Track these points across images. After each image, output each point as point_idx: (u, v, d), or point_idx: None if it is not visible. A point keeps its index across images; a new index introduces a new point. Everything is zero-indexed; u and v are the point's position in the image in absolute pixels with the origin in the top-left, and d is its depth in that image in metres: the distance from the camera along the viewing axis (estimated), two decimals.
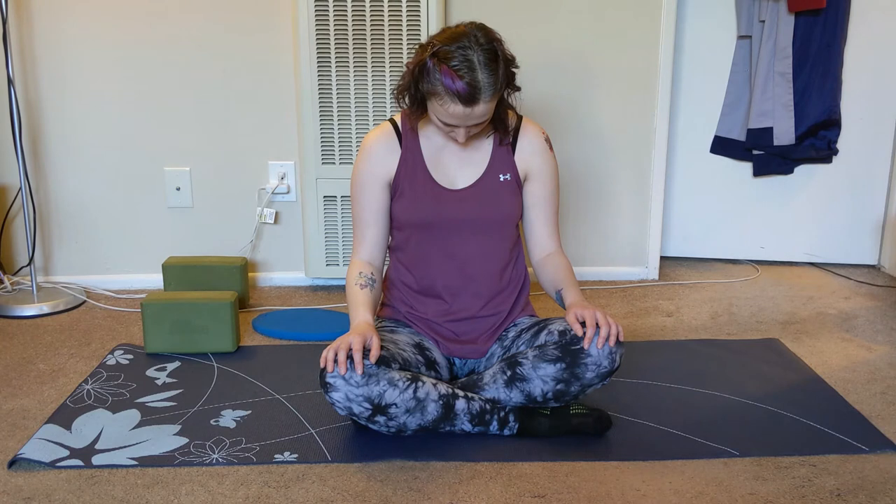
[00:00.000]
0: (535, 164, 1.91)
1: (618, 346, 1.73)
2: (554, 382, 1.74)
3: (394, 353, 1.76)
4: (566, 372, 1.73)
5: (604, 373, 1.73)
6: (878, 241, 3.06)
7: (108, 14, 2.63)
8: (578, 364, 1.72)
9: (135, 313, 2.57)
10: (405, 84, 1.78)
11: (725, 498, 1.59)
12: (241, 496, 1.59)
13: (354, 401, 1.66)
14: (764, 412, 1.94)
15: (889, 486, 1.63)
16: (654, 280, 2.95)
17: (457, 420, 1.76)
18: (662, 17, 2.73)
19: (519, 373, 1.76)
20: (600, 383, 1.76)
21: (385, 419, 1.70)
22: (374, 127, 1.97)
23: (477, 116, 1.72)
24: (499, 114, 1.82)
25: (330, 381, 1.66)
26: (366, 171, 1.88)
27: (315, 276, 2.79)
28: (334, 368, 1.65)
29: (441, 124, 1.77)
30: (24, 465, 1.69)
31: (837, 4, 2.79)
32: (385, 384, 1.67)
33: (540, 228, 1.94)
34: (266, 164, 2.78)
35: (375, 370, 1.66)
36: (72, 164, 2.75)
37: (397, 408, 1.68)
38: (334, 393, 1.66)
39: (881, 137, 2.96)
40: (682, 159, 3.05)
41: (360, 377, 1.65)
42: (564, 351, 1.73)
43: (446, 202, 1.86)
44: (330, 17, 2.51)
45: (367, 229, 1.90)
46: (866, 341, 2.39)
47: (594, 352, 1.71)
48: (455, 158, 1.88)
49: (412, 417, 1.71)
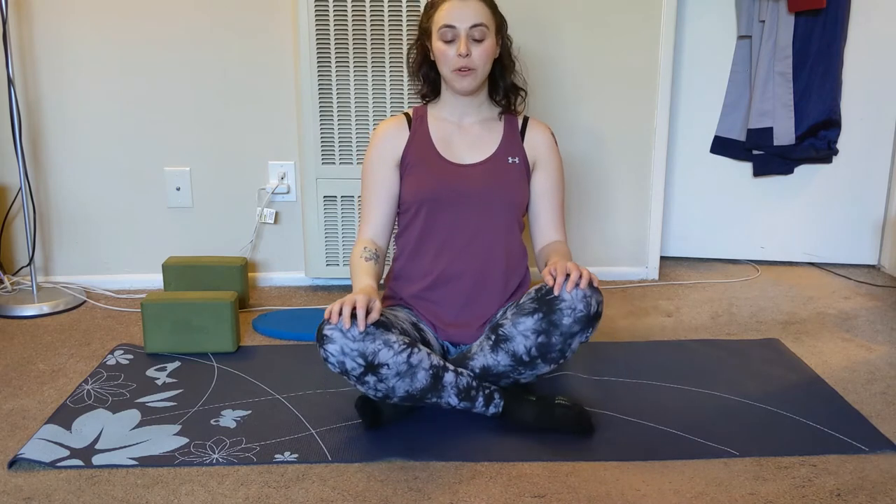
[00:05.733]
0: (542, 154, 2.00)
1: (592, 291, 1.75)
2: (535, 336, 1.76)
3: (392, 321, 1.80)
4: (544, 321, 1.75)
5: (580, 317, 1.74)
6: (878, 241, 3.06)
7: (108, 14, 2.63)
8: (554, 311, 1.75)
9: (135, 313, 2.57)
10: (413, 47, 1.98)
11: (725, 498, 1.59)
12: (241, 496, 1.59)
13: (349, 355, 1.68)
14: (764, 412, 1.94)
15: (889, 486, 1.63)
16: (654, 280, 2.95)
17: (444, 392, 1.77)
18: (662, 17, 2.74)
19: (501, 334, 1.79)
20: (582, 332, 1.77)
21: (375, 380, 1.71)
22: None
23: (471, 15, 1.84)
24: (502, 75, 1.97)
25: (327, 333, 1.68)
26: (375, 154, 1.98)
27: (315, 276, 2.79)
28: (338, 321, 1.66)
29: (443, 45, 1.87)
30: (24, 465, 1.69)
31: (837, 4, 2.79)
32: (381, 343, 1.69)
33: (544, 218, 2.01)
34: (266, 164, 2.78)
35: (373, 329, 1.70)
36: (72, 165, 2.75)
37: (389, 369, 1.70)
38: (330, 345, 1.68)
39: (881, 137, 2.96)
40: (682, 159, 3.05)
41: (358, 332, 1.67)
42: (540, 302, 1.77)
43: (456, 176, 1.93)
44: (330, 17, 2.51)
45: (374, 210, 1.97)
46: (866, 341, 2.39)
47: (566, 296, 1.74)
48: (465, 140, 1.97)
49: (401, 382, 1.72)
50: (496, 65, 1.96)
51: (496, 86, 2.00)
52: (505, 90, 2.00)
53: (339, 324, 1.67)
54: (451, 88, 1.94)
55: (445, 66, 1.90)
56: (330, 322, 1.68)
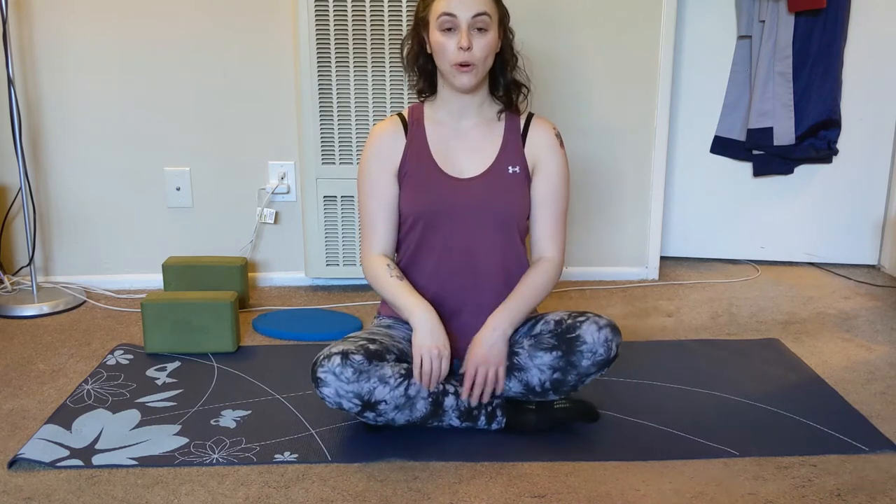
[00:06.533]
0: (542, 157, 1.86)
1: (613, 335, 1.74)
2: (551, 371, 1.74)
3: (388, 345, 1.76)
4: (562, 360, 1.74)
5: (600, 361, 1.73)
6: (878, 241, 3.06)
7: (108, 14, 2.63)
8: (574, 352, 1.73)
9: (135, 313, 2.57)
10: (409, 38, 1.85)
11: (725, 498, 1.59)
12: (241, 496, 1.59)
13: (345, 397, 1.67)
14: (764, 412, 1.94)
15: (889, 486, 1.63)
16: (655, 280, 2.95)
17: (445, 416, 1.77)
18: (662, 17, 2.73)
19: (517, 363, 1.76)
20: (598, 373, 1.76)
21: (374, 415, 1.71)
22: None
23: (474, 4, 1.71)
24: (503, 71, 1.84)
25: (321, 377, 1.66)
26: (371, 162, 1.85)
27: (315, 276, 2.79)
28: (331, 364, 1.66)
29: (442, 36, 1.73)
30: (24, 465, 1.69)
31: (837, 4, 2.79)
32: (376, 381, 1.67)
33: (539, 229, 1.87)
34: (266, 164, 2.78)
35: (367, 367, 1.66)
36: (72, 165, 2.75)
37: (387, 404, 1.69)
38: (325, 388, 1.67)
39: (881, 137, 2.96)
40: (682, 159, 3.05)
41: (350, 373, 1.65)
42: (560, 339, 1.74)
43: (452, 191, 1.82)
44: (330, 17, 2.51)
45: (379, 221, 1.85)
46: (866, 341, 2.39)
47: (589, 339, 1.72)
48: (463, 148, 1.84)
49: (401, 413, 1.72)
50: (497, 59, 1.82)
51: (496, 82, 1.86)
52: (506, 86, 1.86)
53: (333, 366, 1.65)
54: (449, 84, 1.80)
55: (444, 59, 1.75)
56: (325, 365, 1.66)
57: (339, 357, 1.66)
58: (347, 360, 1.66)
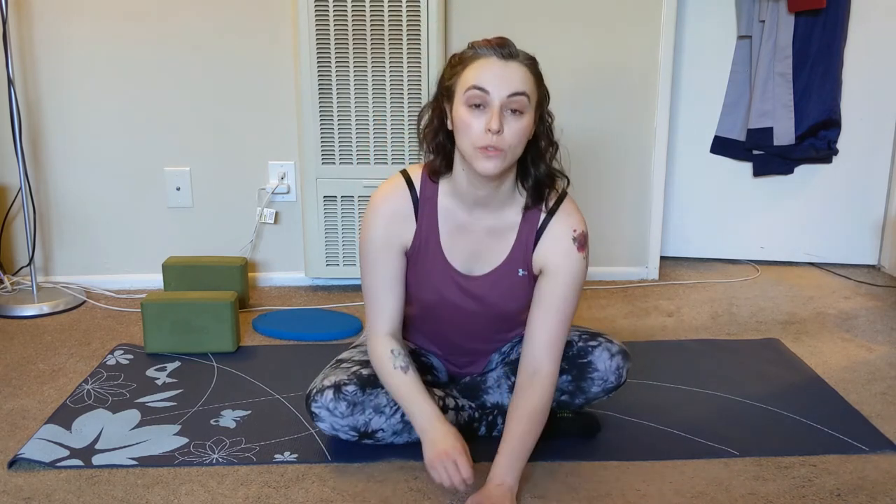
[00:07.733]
0: (551, 263, 1.62)
1: (625, 361, 1.73)
2: (559, 393, 1.74)
3: None
4: (572, 384, 1.74)
5: (609, 388, 1.74)
6: (878, 241, 3.06)
7: (107, 14, 2.63)
8: (585, 378, 1.72)
9: (135, 313, 2.57)
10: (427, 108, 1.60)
11: (725, 498, 1.59)
12: (241, 496, 1.59)
13: (340, 430, 1.68)
14: (764, 412, 1.94)
15: (889, 486, 1.63)
16: (655, 280, 2.95)
17: None
18: (662, 18, 2.73)
19: None
20: (605, 396, 1.77)
21: (373, 442, 1.71)
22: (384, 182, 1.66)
23: (513, 81, 1.46)
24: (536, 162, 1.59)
25: (315, 412, 1.67)
26: (378, 240, 1.63)
27: (315, 276, 2.79)
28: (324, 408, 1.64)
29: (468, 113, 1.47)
30: (24, 465, 1.69)
31: (837, 4, 2.79)
32: (371, 412, 1.67)
33: (537, 333, 1.60)
34: (266, 164, 2.78)
35: (361, 398, 1.65)
36: (72, 165, 2.75)
37: (384, 432, 1.70)
38: (320, 423, 1.68)
39: (881, 137, 2.96)
40: (682, 159, 3.04)
41: (344, 408, 1.64)
42: (571, 364, 1.72)
43: (458, 288, 1.66)
44: (330, 17, 2.51)
45: (385, 300, 1.65)
46: (866, 341, 2.39)
47: (601, 367, 1.71)
48: (475, 242, 1.64)
49: (400, 437, 1.72)
50: (530, 147, 1.55)
51: (526, 171, 1.59)
52: (537, 179, 1.60)
53: (326, 401, 1.64)
54: (469, 168, 1.52)
55: (467, 139, 1.48)
56: (318, 400, 1.64)
57: (332, 392, 1.64)
58: (340, 394, 1.64)
